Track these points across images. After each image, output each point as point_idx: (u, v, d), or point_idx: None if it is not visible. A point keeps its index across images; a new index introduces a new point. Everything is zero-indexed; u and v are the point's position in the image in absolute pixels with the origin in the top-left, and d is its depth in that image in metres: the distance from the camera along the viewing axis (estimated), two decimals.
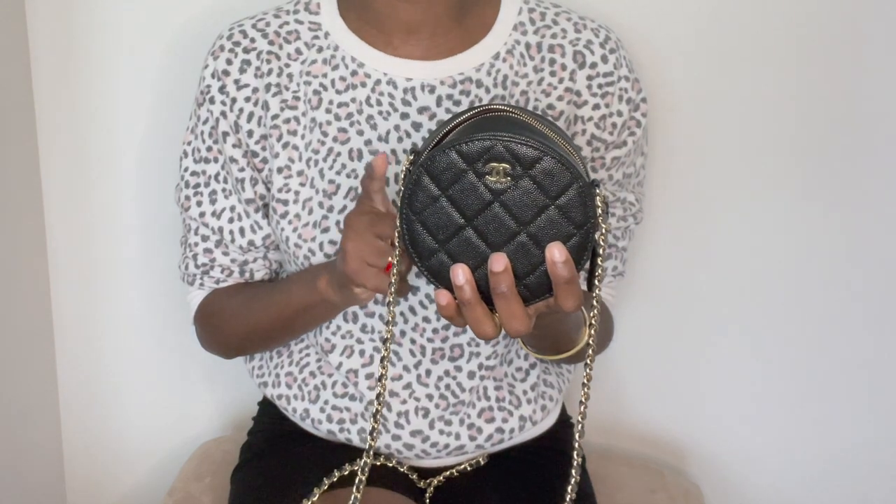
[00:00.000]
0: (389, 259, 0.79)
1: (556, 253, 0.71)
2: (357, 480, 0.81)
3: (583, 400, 0.74)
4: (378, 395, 0.79)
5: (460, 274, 0.72)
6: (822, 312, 1.25)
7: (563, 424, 1.11)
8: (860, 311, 1.25)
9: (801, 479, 1.32)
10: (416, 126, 0.95)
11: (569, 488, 0.75)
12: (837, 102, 1.17)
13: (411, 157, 0.74)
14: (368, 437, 0.80)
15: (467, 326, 0.96)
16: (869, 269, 1.23)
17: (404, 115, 0.95)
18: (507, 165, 0.71)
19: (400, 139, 0.95)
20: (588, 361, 0.75)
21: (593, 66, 0.98)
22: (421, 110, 0.95)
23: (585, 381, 0.74)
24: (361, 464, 0.81)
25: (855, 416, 1.29)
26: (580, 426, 0.74)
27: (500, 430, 1.02)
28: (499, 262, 0.71)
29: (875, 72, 1.16)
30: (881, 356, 1.26)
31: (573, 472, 0.75)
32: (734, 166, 1.21)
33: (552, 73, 0.98)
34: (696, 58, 1.17)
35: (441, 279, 0.74)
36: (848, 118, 1.18)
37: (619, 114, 0.99)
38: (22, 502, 1.24)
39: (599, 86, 0.98)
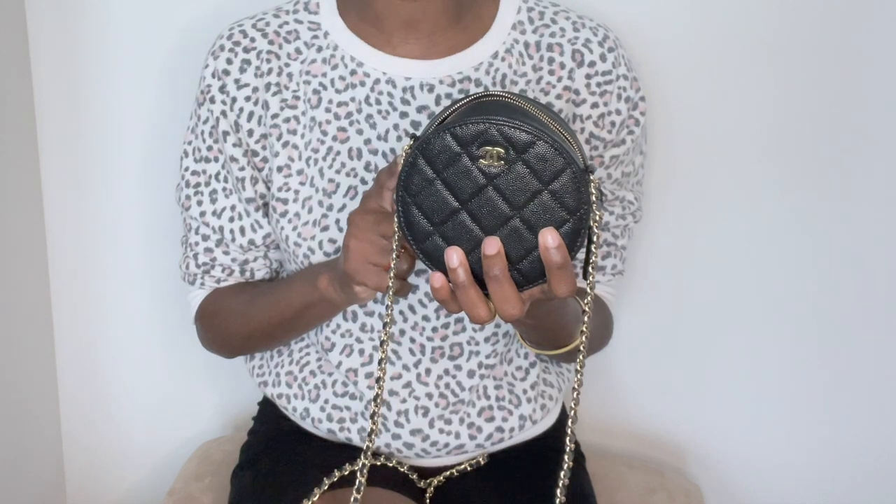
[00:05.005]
0: (391, 258, 0.79)
1: (549, 238, 0.71)
2: (357, 482, 0.81)
3: (576, 386, 0.75)
4: (376, 397, 0.79)
5: (454, 257, 0.73)
6: (822, 312, 1.25)
7: (563, 423, 1.11)
8: (861, 312, 1.24)
9: (800, 479, 1.32)
10: (416, 125, 0.95)
11: (561, 473, 0.75)
12: (838, 101, 1.17)
13: (410, 141, 0.75)
14: (367, 439, 0.80)
15: (465, 319, 0.95)
16: (870, 269, 1.23)
17: (403, 115, 0.95)
18: (501, 149, 0.71)
19: (399, 138, 0.95)
20: (581, 348, 0.75)
21: (592, 64, 0.98)
22: (420, 109, 0.95)
23: (578, 368, 0.75)
24: (360, 465, 0.81)
25: (855, 417, 1.28)
26: (573, 412, 0.74)
27: (499, 430, 1.02)
28: (492, 246, 0.72)
29: (876, 70, 1.16)
30: (882, 356, 1.26)
31: (566, 457, 0.74)
32: (733, 165, 1.21)
33: (551, 72, 0.98)
34: (695, 57, 1.17)
35: (436, 262, 0.75)
36: (849, 116, 1.17)
37: (618, 112, 0.99)
38: (22, 502, 1.24)
39: (598, 84, 0.98)
